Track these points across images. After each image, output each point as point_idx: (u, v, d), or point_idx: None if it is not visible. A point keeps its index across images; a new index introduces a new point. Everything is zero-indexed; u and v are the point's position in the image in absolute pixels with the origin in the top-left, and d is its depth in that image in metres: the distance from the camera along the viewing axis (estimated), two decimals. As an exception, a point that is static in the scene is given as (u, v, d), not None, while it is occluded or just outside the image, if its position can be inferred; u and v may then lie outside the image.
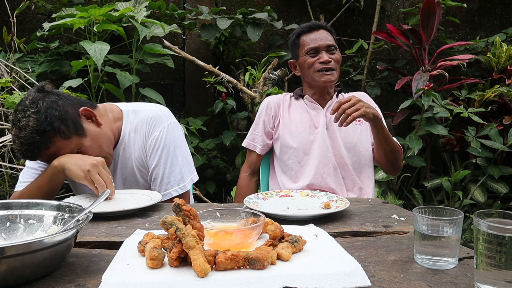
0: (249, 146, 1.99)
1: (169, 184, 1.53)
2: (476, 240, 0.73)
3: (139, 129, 1.55)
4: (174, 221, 0.80)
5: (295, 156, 1.87)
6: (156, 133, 1.53)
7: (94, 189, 1.27)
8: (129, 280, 0.71)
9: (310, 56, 1.85)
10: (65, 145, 1.34)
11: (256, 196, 1.33)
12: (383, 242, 0.97)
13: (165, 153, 1.53)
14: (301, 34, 1.90)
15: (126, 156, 1.55)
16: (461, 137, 2.99)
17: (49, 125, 1.29)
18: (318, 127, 1.87)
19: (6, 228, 0.92)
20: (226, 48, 3.30)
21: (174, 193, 1.53)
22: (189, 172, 1.59)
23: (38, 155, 1.33)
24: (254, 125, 1.99)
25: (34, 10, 3.19)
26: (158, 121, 1.55)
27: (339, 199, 1.28)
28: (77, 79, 2.70)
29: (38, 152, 1.32)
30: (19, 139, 1.29)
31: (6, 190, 2.69)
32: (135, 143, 1.55)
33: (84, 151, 1.38)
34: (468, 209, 2.93)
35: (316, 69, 1.84)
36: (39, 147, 1.30)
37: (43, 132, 1.29)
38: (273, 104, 1.95)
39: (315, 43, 1.85)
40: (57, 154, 1.33)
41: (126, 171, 1.57)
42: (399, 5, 3.65)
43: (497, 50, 3.09)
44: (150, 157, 1.54)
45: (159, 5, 3.00)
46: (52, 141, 1.31)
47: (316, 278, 0.73)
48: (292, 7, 3.52)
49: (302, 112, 1.92)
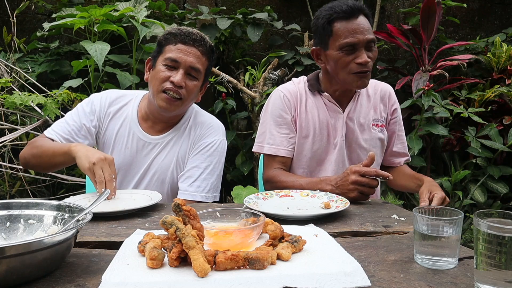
0: (278, 153, 1.65)
1: (199, 188, 1.56)
2: (476, 240, 0.73)
3: (195, 130, 1.64)
4: (174, 221, 0.80)
5: (308, 166, 1.68)
6: (210, 139, 1.62)
7: (94, 183, 1.29)
8: (129, 280, 0.71)
9: (346, 53, 1.52)
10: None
11: (256, 196, 1.33)
12: (383, 242, 0.97)
13: (209, 160, 1.60)
14: (335, 19, 1.52)
15: (174, 145, 1.62)
16: (461, 137, 2.99)
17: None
18: (336, 138, 1.66)
19: (6, 228, 0.92)
20: (226, 48, 3.30)
21: (198, 198, 1.56)
22: (217, 189, 1.62)
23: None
24: (274, 126, 1.67)
25: (34, 10, 3.19)
26: (216, 131, 1.65)
27: (339, 199, 1.28)
28: (77, 79, 2.70)
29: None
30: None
31: (6, 190, 2.69)
32: (185, 139, 1.62)
33: (195, 85, 1.54)
34: (468, 209, 2.93)
35: (352, 70, 1.53)
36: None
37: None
38: (291, 98, 1.68)
39: (354, 38, 1.50)
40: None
41: (165, 159, 1.61)
42: (399, 5, 3.65)
43: (497, 50, 3.09)
44: (194, 157, 1.60)
45: (159, 5, 3.00)
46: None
47: (316, 278, 0.73)
48: (292, 7, 3.52)
49: (320, 112, 1.67)
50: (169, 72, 1.50)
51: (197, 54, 1.52)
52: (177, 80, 1.48)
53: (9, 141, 2.57)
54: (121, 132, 1.62)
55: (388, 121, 1.78)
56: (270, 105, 1.70)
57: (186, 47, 1.50)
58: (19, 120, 2.74)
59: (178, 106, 1.53)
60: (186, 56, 1.50)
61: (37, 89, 2.74)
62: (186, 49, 1.50)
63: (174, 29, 1.55)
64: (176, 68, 1.50)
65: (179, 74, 1.49)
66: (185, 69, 1.50)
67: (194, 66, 1.51)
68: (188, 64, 1.50)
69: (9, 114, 2.77)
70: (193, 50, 1.51)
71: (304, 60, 3.21)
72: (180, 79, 1.48)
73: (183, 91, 1.50)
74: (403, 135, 1.83)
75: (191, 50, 1.51)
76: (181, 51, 1.50)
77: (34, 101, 2.43)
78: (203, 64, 1.54)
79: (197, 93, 1.59)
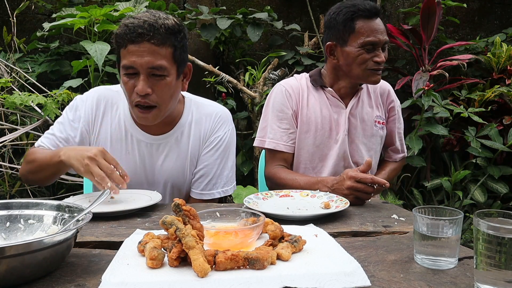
0: (278, 147, 1.67)
1: (215, 185, 1.52)
2: (476, 240, 0.73)
3: (202, 123, 1.52)
4: (174, 221, 0.80)
5: (309, 161, 1.69)
6: (221, 133, 1.52)
7: (96, 183, 1.18)
8: (129, 280, 0.71)
9: (366, 51, 1.57)
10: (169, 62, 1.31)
11: (256, 196, 1.33)
12: (383, 242, 0.97)
13: (222, 154, 1.52)
14: (358, 17, 1.57)
15: (182, 144, 1.50)
16: (461, 137, 2.99)
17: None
18: (339, 133, 1.68)
19: (6, 228, 0.92)
20: (226, 48, 3.30)
21: (217, 195, 1.51)
22: (233, 179, 1.58)
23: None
24: (275, 120, 1.68)
25: (34, 10, 3.19)
26: (225, 121, 1.55)
27: (339, 199, 1.28)
28: (77, 79, 2.70)
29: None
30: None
31: (6, 190, 2.69)
32: (194, 135, 1.51)
33: (166, 83, 1.32)
34: (468, 209, 2.93)
35: (370, 67, 1.59)
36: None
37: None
38: (292, 93, 1.69)
39: (375, 37, 1.56)
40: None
41: (178, 158, 1.50)
42: (399, 5, 3.65)
43: (497, 50, 3.09)
44: (207, 154, 1.51)
45: (159, 5, 3.00)
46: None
47: (316, 278, 0.73)
48: (292, 7, 3.52)
49: (323, 107, 1.68)
50: (132, 80, 1.31)
51: (152, 49, 1.27)
52: (140, 90, 1.28)
53: (9, 141, 2.57)
54: (116, 136, 1.46)
55: (386, 118, 1.83)
56: (272, 99, 1.71)
57: (136, 46, 1.27)
58: (19, 120, 2.74)
59: (157, 115, 1.35)
60: (141, 57, 1.27)
61: (37, 89, 2.74)
62: (137, 49, 1.27)
63: (121, 26, 1.31)
64: (137, 73, 1.30)
65: (140, 82, 1.28)
66: (145, 73, 1.29)
67: (153, 65, 1.28)
68: (146, 66, 1.27)
69: (9, 114, 2.77)
70: (146, 46, 1.27)
71: (304, 60, 3.22)
72: (142, 88, 1.28)
73: (153, 98, 1.31)
74: (402, 132, 1.88)
75: (143, 48, 1.27)
76: (133, 53, 1.27)
77: (34, 101, 2.43)
78: (165, 56, 1.29)
79: (176, 88, 1.38)
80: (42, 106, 2.52)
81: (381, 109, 1.79)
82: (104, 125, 1.47)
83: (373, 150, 1.76)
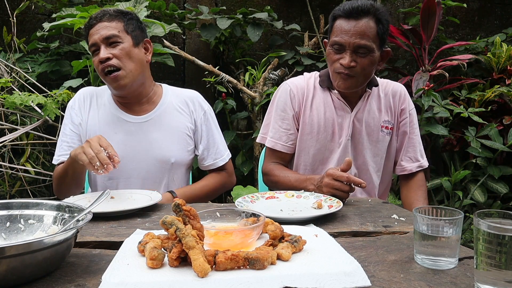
0: (276, 147, 1.68)
1: (217, 154, 1.71)
2: (476, 240, 0.73)
3: (188, 105, 1.69)
4: (174, 221, 0.80)
5: (310, 163, 1.67)
6: (206, 107, 1.73)
7: (87, 164, 1.28)
8: (129, 280, 0.72)
9: (334, 51, 1.54)
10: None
11: (244, 199, 1.30)
12: (383, 242, 0.97)
13: (214, 126, 1.73)
14: (338, 16, 1.54)
15: (167, 121, 1.64)
16: (461, 137, 2.99)
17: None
18: (342, 137, 1.65)
19: (6, 228, 0.92)
20: (226, 48, 3.30)
21: (221, 163, 1.71)
22: (226, 148, 1.78)
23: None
24: (277, 119, 1.68)
25: (34, 10, 3.19)
26: (202, 98, 1.75)
27: (328, 198, 1.28)
28: (77, 79, 2.70)
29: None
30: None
31: (6, 190, 2.69)
32: (183, 115, 1.67)
33: (122, 47, 1.54)
34: (468, 209, 2.93)
35: (336, 69, 1.55)
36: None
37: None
38: (296, 94, 1.67)
39: (341, 38, 1.50)
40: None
41: (165, 134, 1.63)
42: (399, 5, 3.65)
43: (497, 50, 3.09)
44: (202, 128, 1.69)
45: (159, 5, 3.00)
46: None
47: (316, 278, 0.73)
48: (292, 7, 3.52)
49: (327, 110, 1.65)
50: (97, 56, 1.53)
51: (103, 25, 1.54)
52: (101, 56, 1.50)
53: (9, 141, 2.57)
54: (103, 120, 1.63)
55: (397, 123, 1.73)
56: (277, 97, 1.72)
57: (94, 28, 1.54)
58: (19, 120, 2.74)
59: (121, 77, 1.53)
60: (97, 33, 1.53)
61: (37, 89, 2.74)
62: (95, 29, 1.54)
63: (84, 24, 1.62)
64: (98, 49, 1.53)
65: (101, 52, 1.51)
66: (103, 43, 1.53)
67: (106, 35, 1.52)
68: (101, 38, 1.52)
69: (9, 114, 2.77)
70: (100, 25, 1.54)
71: (304, 60, 3.22)
72: (103, 54, 1.51)
73: (114, 61, 1.52)
74: (416, 139, 1.75)
75: (98, 27, 1.54)
76: (93, 34, 1.54)
77: (34, 101, 2.43)
78: (116, 27, 1.54)
79: (134, 53, 1.57)
80: (42, 106, 2.52)
81: (390, 113, 1.71)
82: (92, 112, 1.65)
83: (379, 156, 1.69)
